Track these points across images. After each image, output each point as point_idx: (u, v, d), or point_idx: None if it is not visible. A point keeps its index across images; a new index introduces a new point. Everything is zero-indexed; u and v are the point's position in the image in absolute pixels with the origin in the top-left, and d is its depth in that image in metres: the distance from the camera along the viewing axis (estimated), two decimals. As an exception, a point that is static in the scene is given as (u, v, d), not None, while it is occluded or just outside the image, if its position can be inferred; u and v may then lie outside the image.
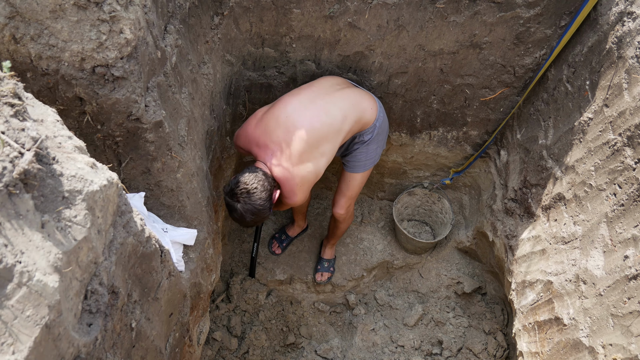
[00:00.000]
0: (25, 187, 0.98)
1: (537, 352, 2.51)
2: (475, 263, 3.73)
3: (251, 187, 2.38)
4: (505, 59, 2.77)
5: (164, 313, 1.84)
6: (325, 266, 3.62)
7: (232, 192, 2.41)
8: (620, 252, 2.00)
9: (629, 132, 2.05)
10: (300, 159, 2.50)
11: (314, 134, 2.50)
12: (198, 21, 2.34)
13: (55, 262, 0.99)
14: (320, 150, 2.55)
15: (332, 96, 2.62)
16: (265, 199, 2.42)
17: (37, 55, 1.56)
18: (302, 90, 2.65)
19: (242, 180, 2.40)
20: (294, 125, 2.49)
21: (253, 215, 2.43)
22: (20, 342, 0.89)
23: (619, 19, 2.19)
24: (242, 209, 2.41)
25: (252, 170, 2.45)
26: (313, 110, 2.54)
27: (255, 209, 2.41)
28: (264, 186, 2.41)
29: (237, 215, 2.45)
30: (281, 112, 2.53)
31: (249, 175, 2.42)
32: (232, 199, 2.42)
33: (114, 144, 1.87)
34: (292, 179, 2.51)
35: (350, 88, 2.74)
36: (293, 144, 2.48)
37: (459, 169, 3.54)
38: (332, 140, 2.58)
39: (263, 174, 2.45)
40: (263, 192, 2.41)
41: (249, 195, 2.38)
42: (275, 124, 2.51)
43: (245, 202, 2.39)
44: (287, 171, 2.50)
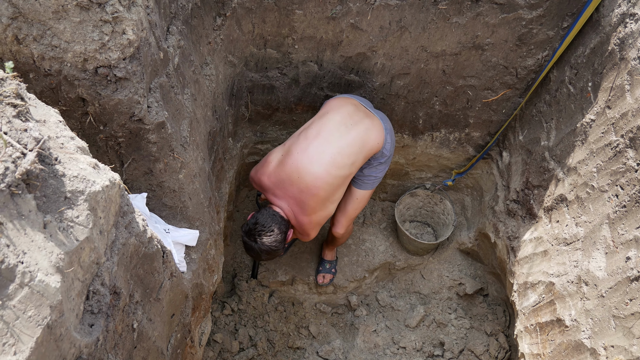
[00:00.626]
0: (27, 188, 0.98)
1: (539, 354, 2.50)
2: (477, 264, 3.73)
3: (268, 230, 2.59)
4: (507, 61, 2.77)
5: (166, 314, 1.84)
6: (327, 268, 3.62)
7: (250, 233, 2.62)
8: (622, 254, 1.99)
9: (631, 133, 2.05)
10: (314, 211, 2.69)
11: (327, 189, 2.64)
12: (200, 22, 2.34)
13: (57, 263, 0.99)
14: (333, 199, 2.74)
15: (340, 141, 2.65)
16: (280, 240, 2.63)
17: (40, 56, 1.56)
18: (312, 137, 2.67)
19: (260, 222, 2.60)
20: (307, 186, 2.61)
21: (268, 255, 2.66)
22: (22, 343, 0.89)
23: (621, 21, 2.19)
24: (259, 249, 2.62)
25: (269, 212, 2.64)
26: (324, 165, 2.61)
27: (271, 250, 2.63)
28: (280, 229, 2.62)
29: (253, 253, 2.68)
30: (293, 171, 2.63)
31: (266, 217, 2.62)
32: (249, 238, 2.62)
33: (116, 145, 1.87)
34: (306, 224, 2.72)
35: (357, 125, 2.71)
36: (307, 201, 2.64)
37: (461, 171, 3.53)
38: (343, 185, 2.74)
39: (280, 217, 2.65)
40: (279, 235, 2.62)
41: (266, 237, 2.59)
42: (289, 182, 2.64)
43: (263, 244, 2.60)
44: (302, 219, 2.70)
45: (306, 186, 2.61)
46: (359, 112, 2.75)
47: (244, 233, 2.66)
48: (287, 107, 3.16)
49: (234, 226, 3.69)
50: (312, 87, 3.03)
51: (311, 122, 2.77)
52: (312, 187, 2.60)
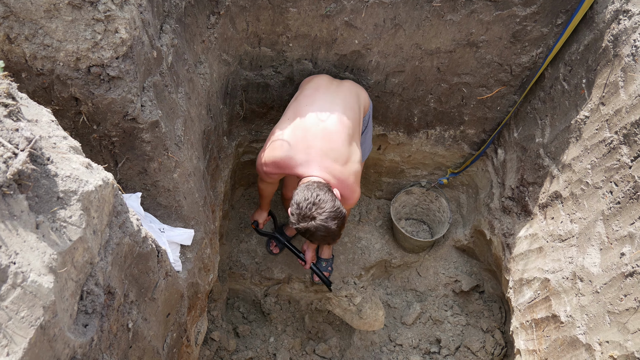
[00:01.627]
0: (19, 188, 0.97)
1: (535, 350, 2.51)
2: (473, 261, 3.73)
3: (315, 199, 2.29)
4: (502, 58, 2.77)
5: (161, 313, 1.84)
6: (323, 266, 3.62)
7: (302, 216, 2.31)
8: (617, 250, 2.00)
9: (625, 130, 2.05)
10: (347, 159, 2.49)
11: (348, 130, 2.52)
12: (194, 20, 2.34)
13: (50, 263, 0.99)
14: (355, 141, 2.57)
15: (339, 95, 2.67)
16: (333, 198, 2.33)
17: (32, 55, 1.55)
18: (313, 95, 2.65)
19: (300, 199, 2.31)
20: (329, 131, 2.48)
21: (335, 220, 2.31)
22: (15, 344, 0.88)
23: (615, 17, 2.19)
24: (323, 222, 2.29)
25: (303, 187, 2.36)
26: (338, 105, 2.57)
27: (334, 213, 2.30)
28: (324, 190, 2.32)
29: (322, 232, 2.32)
30: (312, 123, 2.50)
31: (303, 192, 2.32)
32: (306, 221, 2.31)
33: (110, 144, 1.86)
34: (347, 179, 2.48)
35: (343, 83, 2.80)
36: (336, 149, 2.46)
37: (456, 170, 3.54)
38: (358, 129, 2.64)
39: (316, 182, 2.36)
40: (328, 194, 2.31)
41: (319, 205, 2.28)
42: (312, 136, 2.47)
43: (320, 214, 2.28)
44: (340, 174, 2.46)
45: (328, 131, 2.47)
46: (334, 79, 2.85)
47: (299, 221, 2.33)
48: (282, 105, 3.16)
49: (229, 225, 3.69)
50: (307, 85, 3.02)
51: (298, 94, 2.72)
52: (334, 129, 2.48)
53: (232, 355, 3.45)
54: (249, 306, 3.72)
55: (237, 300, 3.73)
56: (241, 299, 3.74)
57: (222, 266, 3.56)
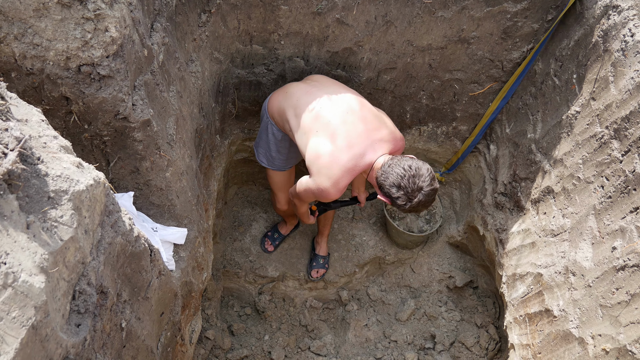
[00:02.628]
0: (9, 188, 0.97)
1: (528, 344, 2.53)
2: (467, 257, 3.75)
3: (409, 171, 2.25)
4: (493, 54, 2.78)
5: (155, 312, 1.83)
6: (320, 263, 3.62)
7: (412, 191, 2.25)
8: (609, 244, 2.02)
9: (615, 124, 2.07)
10: (380, 122, 2.49)
11: (368, 105, 2.54)
12: (185, 19, 2.33)
13: (41, 263, 0.98)
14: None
15: (344, 87, 2.65)
16: (414, 159, 2.32)
17: (22, 55, 1.54)
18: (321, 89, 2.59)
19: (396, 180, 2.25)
20: (355, 112, 2.46)
21: (434, 178, 2.31)
22: (6, 344, 0.88)
23: (605, 13, 2.20)
24: (429, 186, 2.26)
25: (385, 170, 2.30)
26: (347, 92, 2.56)
27: (430, 172, 2.29)
28: (403, 159, 2.29)
29: (432, 195, 2.28)
30: (338, 116, 2.45)
31: (393, 173, 2.27)
32: (416, 195, 2.25)
33: (101, 144, 1.86)
34: (395, 134, 2.52)
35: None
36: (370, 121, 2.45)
37: (449, 167, 3.55)
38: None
39: (390, 160, 2.32)
40: (408, 160, 2.29)
41: (417, 174, 2.25)
42: (349, 126, 2.42)
43: (424, 180, 2.26)
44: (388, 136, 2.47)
45: (355, 110, 2.45)
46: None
47: (410, 197, 2.25)
48: (275, 103, 3.15)
49: (222, 224, 3.68)
50: (299, 82, 3.02)
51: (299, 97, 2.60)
52: (359, 103, 2.49)
53: (227, 353, 3.45)
54: (244, 304, 3.72)
55: (231, 299, 3.73)
56: (235, 298, 3.73)
57: (216, 265, 3.55)
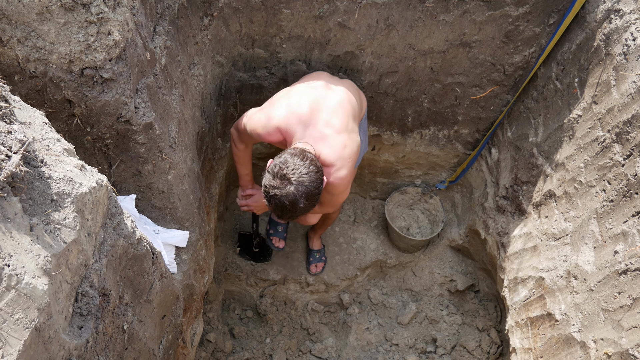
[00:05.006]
0: (12, 190, 0.97)
1: (530, 348, 2.52)
2: (468, 261, 3.74)
3: (303, 168, 2.06)
4: (494, 58, 2.78)
5: (157, 315, 1.83)
6: (317, 257, 3.61)
7: (282, 174, 2.06)
8: (610, 248, 2.01)
9: (617, 128, 2.07)
10: (347, 129, 2.33)
11: (351, 108, 2.43)
12: (187, 22, 2.34)
13: (45, 265, 0.98)
14: (356, 127, 2.44)
15: (342, 82, 2.63)
16: (320, 180, 2.12)
17: (25, 58, 1.55)
18: (317, 77, 2.59)
19: (292, 160, 2.08)
20: (335, 101, 2.38)
21: (307, 201, 2.10)
22: (10, 346, 0.88)
23: (607, 17, 2.20)
24: (296, 192, 2.06)
25: (297, 150, 2.14)
26: (341, 89, 2.49)
27: (311, 192, 2.08)
28: (317, 166, 2.12)
29: (287, 201, 2.08)
30: (317, 91, 2.40)
31: (297, 155, 2.10)
32: (282, 180, 2.06)
33: (104, 147, 1.86)
34: (342, 149, 2.28)
35: (342, 80, 2.74)
36: (338, 116, 2.32)
37: (453, 178, 3.55)
38: (358, 120, 2.54)
39: (311, 154, 2.16)
40: (317, 173, 2.11)
41: (303, 176, 2.06)
42: (318, 100, 2.34)
43: (300, 184, 2.05)
44: (335, 141, 2.27)
45: (336, 102, 2.36)
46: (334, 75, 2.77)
47: (272, 176, 2.09)
48: (276, 106, 3.16)
49: (224, 226, 3.68)
50: (301, 86, 3.03)
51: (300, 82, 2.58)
52: (342, 102, 2.38)
53: (228, 356, 3.44)
54: (245, 307, 3.72)
55: (232, 302, 3.72)
56: (237, 300, 3.73)
57: (217, 268, 3.55)
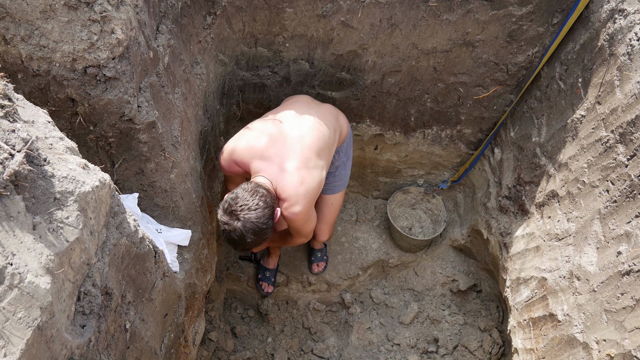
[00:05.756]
0: (16, 189, 0.97)
1: (532, 349, 2.52)
2: (470, 261, 3.74)
3: (252, 204, 2.19)
4: (498, 57, 2.78)
5: (159, 314, 1.83)
6: (318, 256, 3.62)
7: (231, 210, 2.20)
8: (614, 248, 2.01)
9: (621, 129, 2.06)
10: (307, 166, 2.40)
11: (316, 143, 2.47)
12: (190, 21, 2.33)
13: (47, 264, 0.98)
14: (322, 161, 2.49)
15: (317, 110, 2.62)
16: (268, 216, 2.24)
17: (28, 56, 1.55)
18: (290, 105, 2.64)
19: (242, 196, 2.21)
20: (298, 135, 2.44)
21: (255, 236, 2.22)
22: (12, 345, 0.88)
23: (611, 16, 2.20)
24: (243, 228, 2.19)
25: (251, 185, 2.27)
26: (310, 121, 2.51)
27: (258, 228, 2.21)
28: (267, 202, 2.23)
29: (235, 236, 2.22)
30: (282, 124, 2.48)
31: (248, 191, 2.23)
32: (230, 217, 2.20)
33: (106, 145, 1.86)
34: (298, 185, 2.37)
35: (326, 104, 2.78)
36: (299, 152, 2.40)
37: (456, 178, 3.55)
38: (329, 152, 2.57)
39: (265, 189, 2.28)
40: (266, 209, 2.22)
41: (250, 212, 2.19)
42: (279, 134, 2.43)
43: (247, 220, 2.18)
44: (291, 177, 2.37)
45: (298, 134, 2.43)
46: (315, 100, 2.80)
47: (223, 213, 2.22)
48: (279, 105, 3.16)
49: (227, 225, 3.68)
50: (304, 85, 3.03)
51: (272, 111, 2.65)
52: (304, 135, 2.44)
53: (230, 355, 3.44)
54: (247, 307, 3.72)
55: (234, 301, 3.73)
56: (239, 300, 3.73)
57: (219, 267, 3.56)
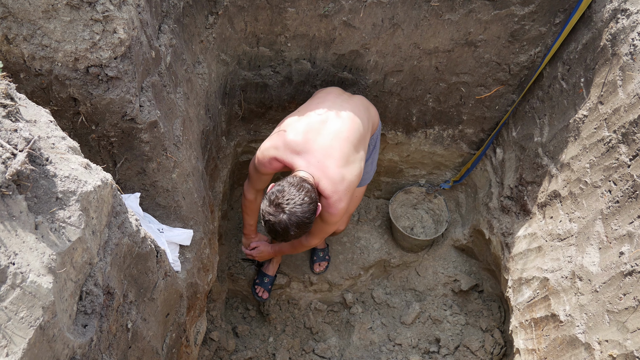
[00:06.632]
0: (18, 188, 0.97)
1: (534, 349, 2.51)
2: (472, 261, 3.74)
3: (298, 198, 2.23)
4: (500, 57, 2.77)
5: (160, 313, 1.83)
6: (320, 256, 3.62)
7: (277, 203, 2.24)
8: (616, 249, 2.00)
9: (623, 129, 2.06)
10: (347, 161, 2.42)
11: (353, 135, 2.47)
12: (192, 20, 2.34)
13: (49, 263, 0.98)
14: (359, 154, 2.50)
15: (350, 102, 2.63)
16: (312, 211, 2.29)
17: (30, 56, 1.55)
18: (322, 98, 2.63)
19: (289, 190, 2.25)
20: (335, 128, 2.44)
21: (298, 229, 2.28)
22: (14, 344, 0.88)
23: (613, 16, 2.19)
24: (288, 221, 2.24)
25: (296, 179, 2.30)
26: (345, 114, 2.52)
27: (302, 222, 2.26)
28: (312, 198, 2.27)
29: (280, 228, 2.27)
30: (318, 117, 2.47)
31: (295, 185, 2.27)
32: (277, 209, 2.24)
33: (108, 145, 1.86)
34: (340, 183, 2.39)
35: (357, 95, 2.79)
36: (338, 146, 2.41)
37: (457, 177, 3.55)
38: (364, 142, 2.57)
39: (309, 184, 2.31)
40: (311, 204, 2.27)
41: (297, 206, 2.23)
42: (316, 128, 2.44)
43: (292, 214, 2.23)
44: (333, 174, 2.38)
45: (334, 128, 2.44)
46: (345, 92, 2.80)
47: (269, 204, 2.27)
48: (281, 105, 3.16)
49: (228, 225, 3.68)
50: (306, 85, 3.02)
51: (305, 105, 2.65)
52: (340, 129, 2.44)
53: (231, 355, 3.45)
54: (248, 306, 3.72)
55: (236, 301, 3.73)
56: (240, 299, 3.73)
57: (221, 266, 3.56)
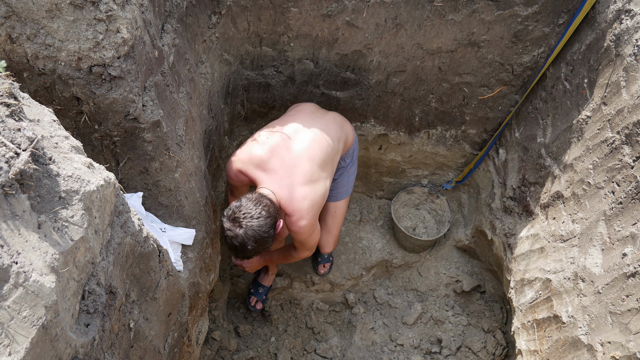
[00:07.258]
0: (21, 188, 0.97)
1: (536, 350, 2.51)
2: (474, 261, 3.73)
3: (255, 212, 2.26)
4: (503, 57, 2.77)
5: (163, 313, 1.84)
6: (325, 257, 3.63)
7: (234, 217, 2.27)
8: (619, 250, 2.00)
9: (627, 130, 2.05)
10: (310, 180, 2.46)
11: (320, 155, 2.50)
12: (195, 20, 2.34)
13: (52, 263, 0.99)
14: (325, 173, 2.54)
15: (321, 121, 2.64)
16: (270, 225, 2.30)
17: (34, 55, 1.55)
18: (294, 116, 2.67)
19: (245, 204, 2.29)
20: (301, 147, 2.48)
21: (255, 243, 2.29)
22: (17, 343, 0.88)
23: (617, 17, 2.19)
24: (245, 235, 2.26)
25: (255, 195, 2.35)
26: (313, 133, 2.54)
27: (259, 236, 2.28)
28: (269, 212, 2.30)
29: (237, 242, 2.29)
30: (286, 136, 2.51)
31: (252, 200, 2.31)
32: (233, 223, 2.28)
33: (111, 144, 1.86)
34: (301, 201, 2.44)
35: (331, 112, 2.81)
36: (302, 165, 2.45)
37: (460, 178, 3.54)
38: (332, 161, 2.60)
39: (268, 199, 2.35)
40: (268, 219, 2.29)
41: (253, 220, 2.26)
42: (283, 145, 2.48)
43: (249, 228, 2.25)
44: (295, 192, 2.43)
45: (300, 147, 2.48)
46: (320, 108, 2.83)
47: (226, 219, 2.30)
48: (283, 105, 3.16)
49: (230, 225, 3.68)
50: (308, 85, 3.02)
51: (277, 121, 2.67)
52: (307, 148, 2.48)
53: (233, 354, 3.45)
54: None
55: (237, 300, 3.73)
56: (242, 299, 3.74)
57: (223, 266, 3.56)
